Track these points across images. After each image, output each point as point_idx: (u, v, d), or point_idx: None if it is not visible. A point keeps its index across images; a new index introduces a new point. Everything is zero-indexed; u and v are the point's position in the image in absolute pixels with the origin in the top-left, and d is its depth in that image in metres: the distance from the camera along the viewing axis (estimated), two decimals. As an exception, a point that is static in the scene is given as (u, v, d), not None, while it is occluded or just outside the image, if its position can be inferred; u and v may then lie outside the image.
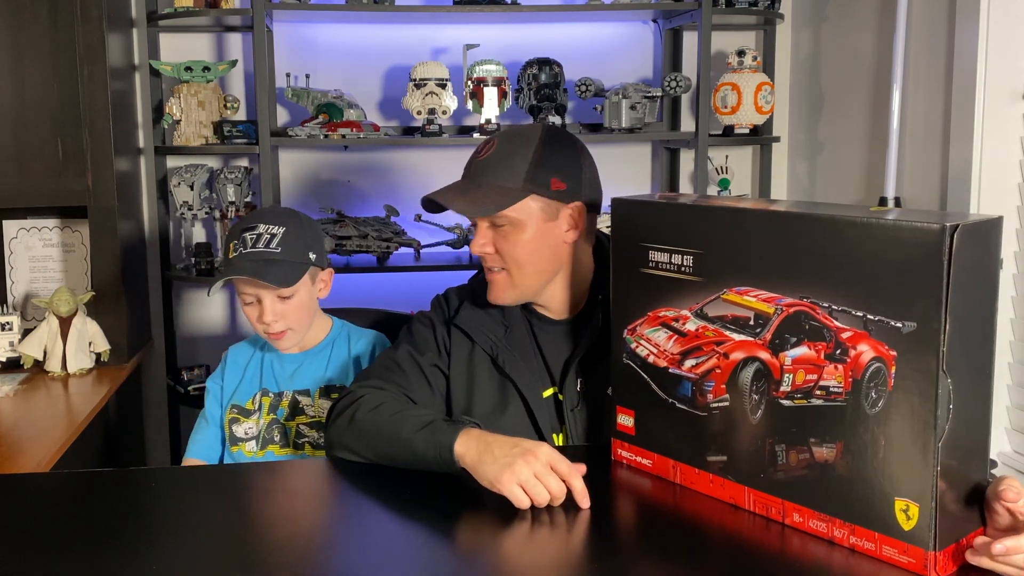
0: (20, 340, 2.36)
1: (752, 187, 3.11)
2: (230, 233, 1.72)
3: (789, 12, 2.99)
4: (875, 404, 1.05)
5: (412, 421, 1.36)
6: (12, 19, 2.30)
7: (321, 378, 1.75)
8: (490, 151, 1.48)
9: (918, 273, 0.99)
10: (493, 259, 1.49)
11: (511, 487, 1.21)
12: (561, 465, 1.23)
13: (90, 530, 1.19)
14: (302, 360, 1.78)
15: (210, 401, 1.81)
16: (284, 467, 1.52)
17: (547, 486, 1.21)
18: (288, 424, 1.73)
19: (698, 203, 1.26)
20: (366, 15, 2.66)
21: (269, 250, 1.66)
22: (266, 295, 1.67)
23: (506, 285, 1.49)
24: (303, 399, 1.74)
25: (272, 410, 1.75)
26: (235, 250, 1.67)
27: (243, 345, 1.86)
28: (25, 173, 2.35)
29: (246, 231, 1.68)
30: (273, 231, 1.67)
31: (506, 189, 1.45)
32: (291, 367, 1.78)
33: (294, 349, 1.77)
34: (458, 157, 2.89)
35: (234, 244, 1.68)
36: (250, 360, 1.81)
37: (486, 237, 1.48)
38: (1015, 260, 2.09)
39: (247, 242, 1.66)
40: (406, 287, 2.81)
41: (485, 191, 1.45)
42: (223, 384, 1.80)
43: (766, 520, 1.18)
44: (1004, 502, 1.01)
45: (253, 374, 1.79)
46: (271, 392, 1.76)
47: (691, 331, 1.25)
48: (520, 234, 1.46)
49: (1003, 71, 2.07)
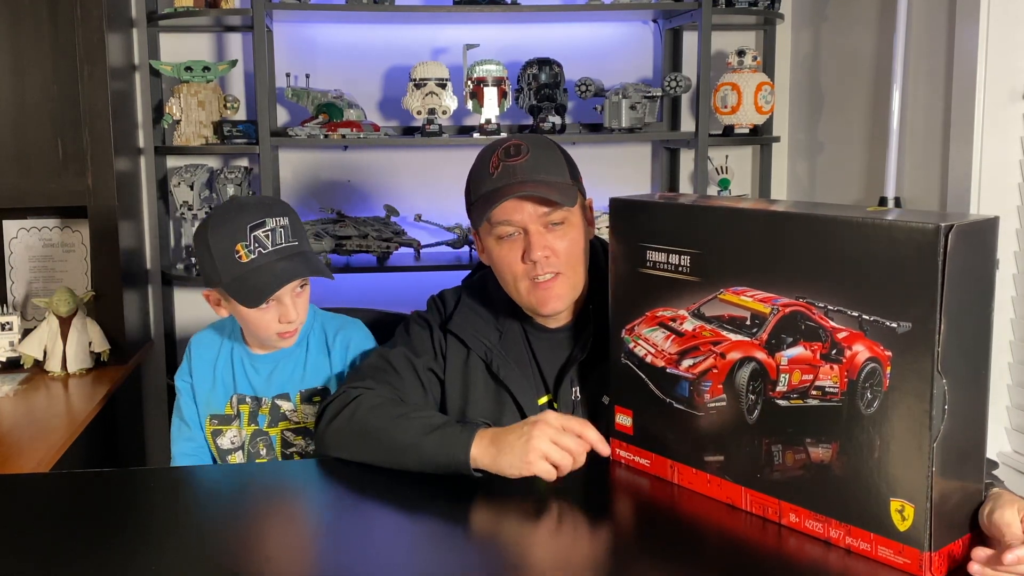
0: (20, 340, 2.37)
1: (752, 187, 3.11)
2: (224, 233, 1.54)
3: (789, 12, 2.99)
4: (870, 404, 1.05)
5: (419, 423, 1.35)
6: (12, 19, 2.30)
7: (300, 379, 1.66)
8: (527, 154, 1.44)
9: (913, 273, 0.99)
10: (551, 263, 1.43)
11: (540, 465, 1.25)
12: (571, 423, 1.28)
13: (90, 530, 1.19)
14: (277, 360, 1.67)
15: (184, 401, 1.70)
16: (284, 467, 1.53)
17: (567, 448, 1.25)
18: (271, 431, 1.66)
19: (695, 203, 1.26)
20: (366, 15, 2.66)
21: (290, 244, 1.56)
22: (286, 295, 1.57)
23: (566, 286, 1.45)
24: (284, 404, 1.66)
25: (252, 419, 1.67)
26: (251, 251, 1.53)
27: (207, 335, 1.73)
28: (25, 173, 2.35)
29: (254, 228, 1.53)
30: (282, 223, 1.56)
31: (567, 185, 1.45)
32: (266, 368, 1.67)
33: (269, 348, 1.67)
34: (458, 157, 2.89)
35: (243, 245, 1.53)
36: (218, 357, 1.70)
37: (546, 240, 1.43)
38: (1015, 260, 2.09)
39: (263, 241, 1.53)
40: (406, 287, 2.81)
41: (553, 186, 1.43)
42: (192, 381, 1.70)
43: (763, 520, 1.18)
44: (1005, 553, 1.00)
45: (224, 375, 1.69)
46: (248, 397, 1.67)
47: (688, 331, 1.25)
48: (575, 232, 1.46)
49: (1003, 71, 2.07)
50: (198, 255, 1.61)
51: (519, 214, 1.42)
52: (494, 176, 1.44)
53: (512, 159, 1.44)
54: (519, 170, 1.43)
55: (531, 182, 1.41)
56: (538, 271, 1.43)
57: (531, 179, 1.42)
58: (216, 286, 1.59)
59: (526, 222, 1.42)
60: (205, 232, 1.56)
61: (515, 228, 1.44)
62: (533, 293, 1.45)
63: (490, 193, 1.44)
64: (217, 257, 1.54)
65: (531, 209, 1.42)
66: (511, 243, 1.45)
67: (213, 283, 1.59)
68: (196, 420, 1.70)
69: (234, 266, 1.53)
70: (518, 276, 1.45)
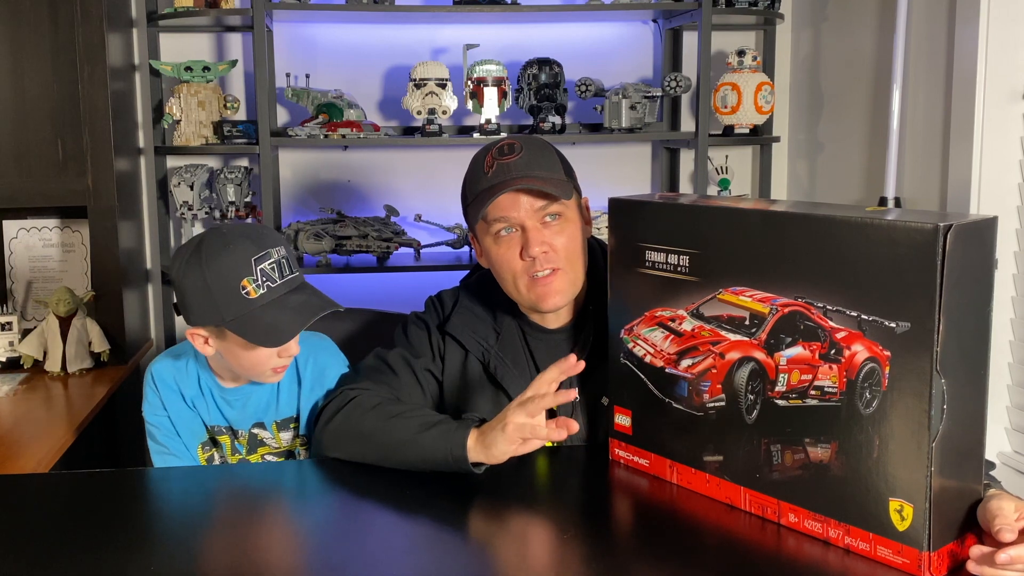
0: (20, 340, 2.37)
1: (752, 187, 3.11)
2: (225, 267, 1.41)
3: (789, 12, 2.99)
4: (869, 404, 1.05)
5: (417, 421, 1.36)
6: (12, 19, 2.31)
7: (275, 410, 1.59)
8: (521, 152, 1.45)
9: (912, 273, 0.99)
10: (549, 258, 1.43)
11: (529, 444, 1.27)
12: (526, 392, 1.29)
13: (90, 530, 1.20)
14: (249, 393, 1.58)
15: (165, 437, 1.59)
16: (283, 467, 1.53)
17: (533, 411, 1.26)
18: (252, 458, 1.61)
19: (694, 203, 1.26)
20: (366, 15, 2.66)
21: (294, 276, 1.47)
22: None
23: (565, 282, 1.45)
24: (260, 432, 1.60)
25: (234, 449, 1.62)
26: (259, 287, 1.42)
27: (166, 366, 1.60)
28: (25, 173, 2.35)
29: (259, 261, 1.42)
30: (282, 253, 1.46)
31: (562, 180, 1.46)
32: (239, 402, 1.59)
33: (245, 379, 1.57)
34: (458, 157, 2.89)
35: (251, 280, 1.41)
36: (186, 387, 1.60)
37: (544, 235, 1.43)
38: (1015, 260, 2.09)
39: (270, 274, 1.43)
40: (406, 287, 2.81)
41: (547, 180, 1.43)
42: (168, 414, 1.59)
43: (762, 520, 1.18)
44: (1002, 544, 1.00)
45: (196, 405, 1.60)
46: (224, 428, 1.61)
47: (687, 331, 1.25)
48: (571, 227, 1.46)
49: (1003, 71, 2.07)
50: (185, 293, 1.44)
51: (515, 210, 1.42)
52: (488, 175, 1.44)
53: (506, 157, 1.44)
54: (513, 167, 1.43)
55: (525, 177, 1.42)
56: (537, 267, 1.43)
57: (525, 175, 1.42)
58: (214, 324, 1.45)
59: (523, 218, 1.43)
60: (198, 268, 1.41)
61: (512, 225, 1.44)
62: (533, 290, 1.45)
63: (485, 191, 1.44)
64: (218, 294, 1.41)
65: (527, 204, 1.42)
66: (509, 241, 1.45)
67: (208, 321, 1.45)
68: (184, 450, 1.60)
69: (241, 304, 1.41)
70: (517, 274, 1.45)
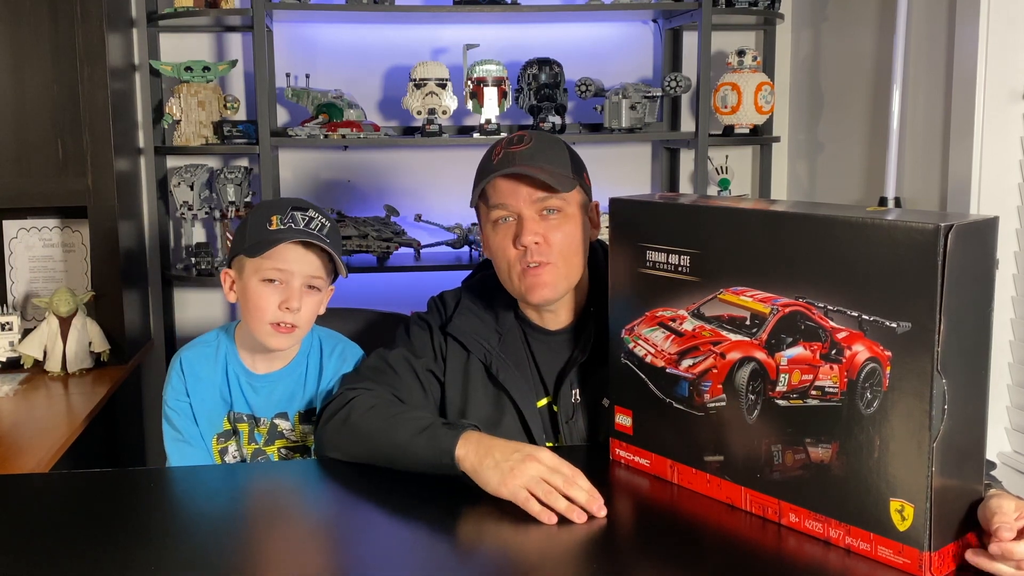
0: (20, 340, 2.37)
1: (752, 187, 3.11)
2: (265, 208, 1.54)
3: (789, 12, 2.99)
4: (870, 404, 1.05)
5: (411, 424, 1.35)
6: (12, 19, 2.30)
7: (300, 398, 1.63)
8: (529, 143, 1.46)
9: (913, 273, 0.99)
10: (542, 251, 1.43)
11: (515, 490, 1.21)
12: (563, 466, 1.23)
13: (90, 530, 1.20)
14: (276, 380, 1.62)
15: (183, 423, 1.61)
16: (283, 467, 1.53)
17: (555, 485, 1.21)
18: (268, 449, 1.63)
19: (694, 203, 1.26)
20: (366, 15, 2.66)
21: (322, 236, 1.52)
22: (298, 279, 1.52)
23: (556, 276, 1.44)
24: (281, 423, 1.62)
25: (251, 438, 1.62)
26: (283, 223, 1.50)
27: (198, 353, 1.65)
28: (25, 173, 2.35)
29: (296, 210, 1.52)
30: (323, 221, 1.54)
31: (565, 175, 1.45)
32: (265, 389, 1.62)
33: (276, 364, 1.63)
34: (458, 157, 2.90)
35: (278, 218, 1.51)
36: (213, 375, 1.63)
37: (540, 227, 1.43)
38: (1015, 260, 2.09)
39: (298, 220, 1.51)
40: (406, 287, 2.81)
41: (549, 172, 1.43)
42: (191, 401, 1.62)
43: (763, 520, 1.18)
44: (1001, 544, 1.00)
45: (222, 393, 1.63)
46: (244, 416, 1.62)
47: (688, 331, 1.25)
48: (570, 224, 1.45)
49: (1003, 71, 2.07)
50: (234, 235, 1.60)
51: (514, 198, 1.43)
52: (495, 163, 1.46)
53: (515, 146, 1.46)
54: (518, 156, 1.44)
55: (528, 165, 1.42)
56: (528, 258, 1.43)
57: (528, 163, 1.43)
58: (235, 255, 1.56)
59: (520, 207, 1.43)
60: (250, 212, 1.58)
61: (510, 213, 1.45)
62: (523, 280, 1.45)
63: (488, 175, 1.45)
64: (250, 226, 1.54)
65: (526, 193, 1.43)
66: (506, 229, 1.45)
67: (234, 252, 1.56)
68: (199, 439, 1.62)
69: (261, 232, 1.52)
70: (511, 262, 1.45)
